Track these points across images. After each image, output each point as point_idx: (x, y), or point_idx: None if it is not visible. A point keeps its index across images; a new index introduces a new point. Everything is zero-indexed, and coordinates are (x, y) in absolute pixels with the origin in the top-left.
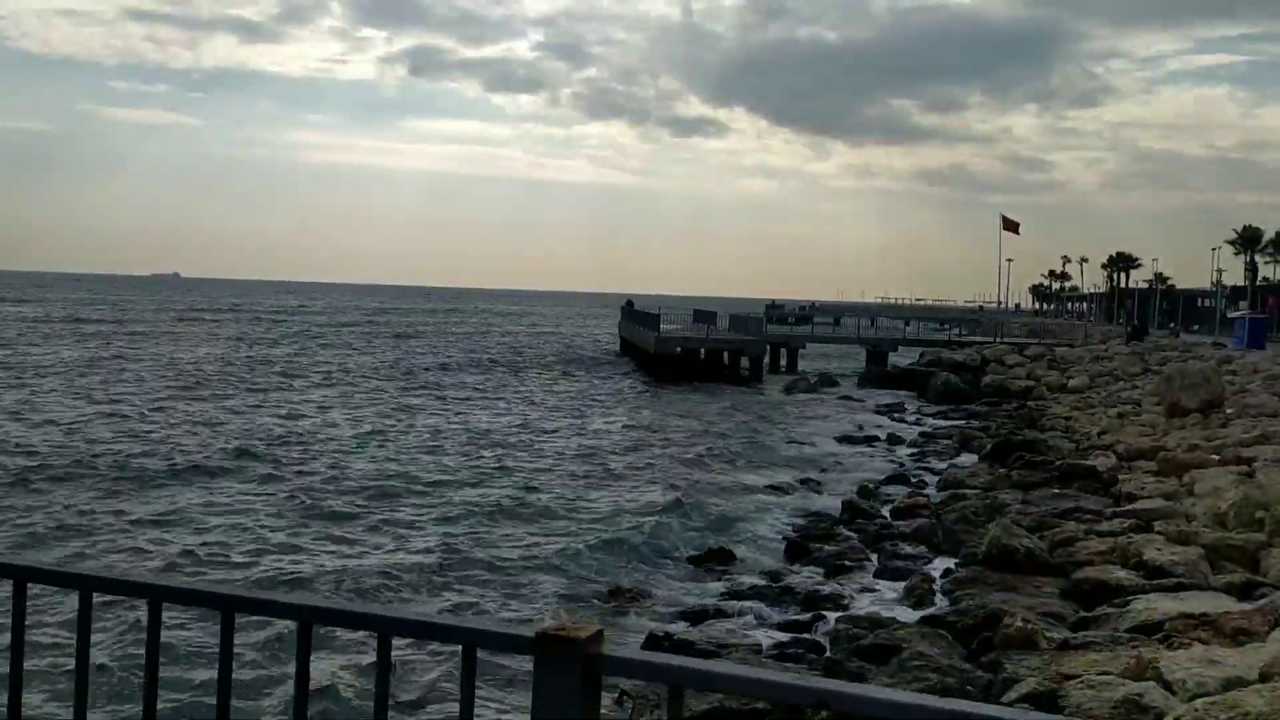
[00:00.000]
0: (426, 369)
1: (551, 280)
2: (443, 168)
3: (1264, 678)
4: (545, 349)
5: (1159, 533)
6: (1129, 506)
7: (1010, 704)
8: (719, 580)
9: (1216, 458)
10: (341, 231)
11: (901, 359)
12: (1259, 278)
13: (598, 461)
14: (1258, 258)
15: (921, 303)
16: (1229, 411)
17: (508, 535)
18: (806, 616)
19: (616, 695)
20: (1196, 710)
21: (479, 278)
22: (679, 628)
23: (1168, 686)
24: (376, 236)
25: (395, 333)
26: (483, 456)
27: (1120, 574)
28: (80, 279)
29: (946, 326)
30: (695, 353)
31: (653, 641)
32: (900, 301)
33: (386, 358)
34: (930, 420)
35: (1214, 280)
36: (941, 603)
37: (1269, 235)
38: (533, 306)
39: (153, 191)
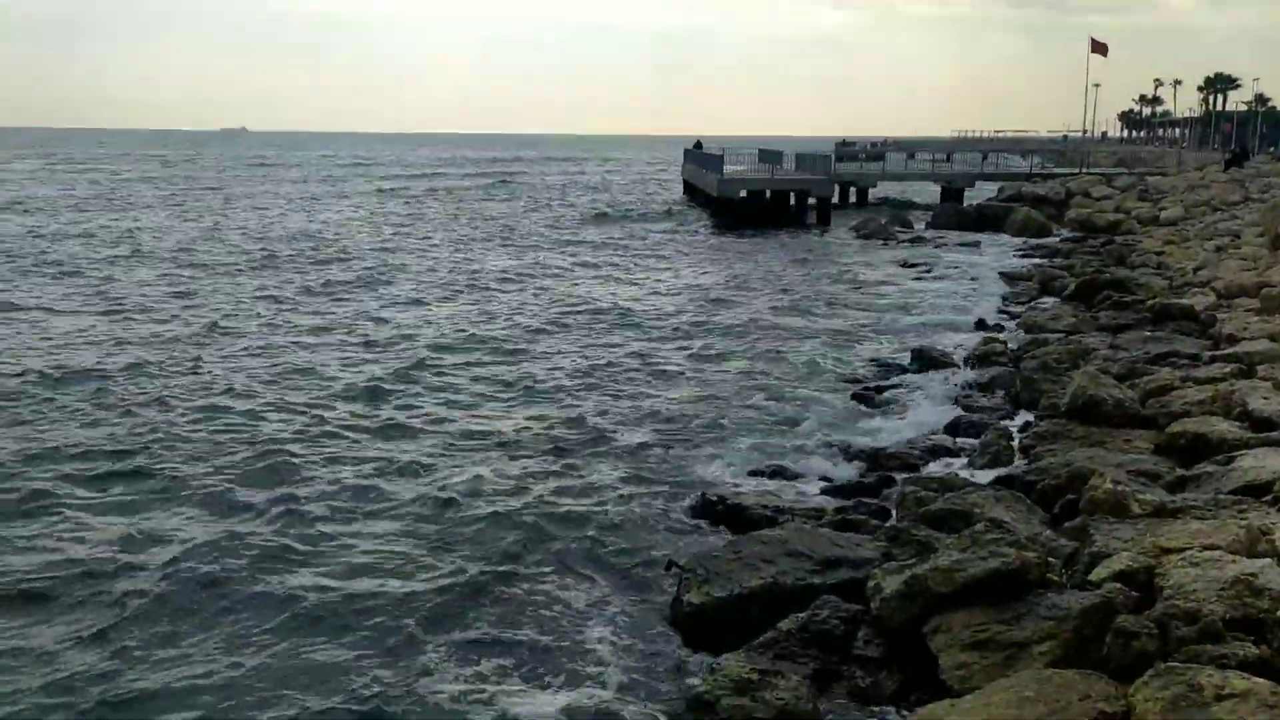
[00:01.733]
0: (476, 228)
1: (616, 124)
2: (503, 9)
3: None
4: (604, 196)
5: (1265, 378)
6: (1230, 349)
7: (1101, 582)
8: (779, 435)
9: None
10: (402, 80)
11: (979, 195)
12: None
13: (654, 317)
14: None
15: (1001, 135)
16: None
17: (564, 403)
18: (872, 478)
19: (665, 564)
20: None
21: (545, 123)
22: (736, 487)
23: None
24: (440, 84)
25: (447, 186)
26: (533, 316)
27: (1222, 426)
28: (152, 134)
29: (1028, 159)
30: (760, 194)
31: (706, 504)
32: (978, 135)
33: (440, 218)
34: (1009, 260)
35: None
36: (1020, 461)
37: None
38: (597, 151)
39: (214, 44)
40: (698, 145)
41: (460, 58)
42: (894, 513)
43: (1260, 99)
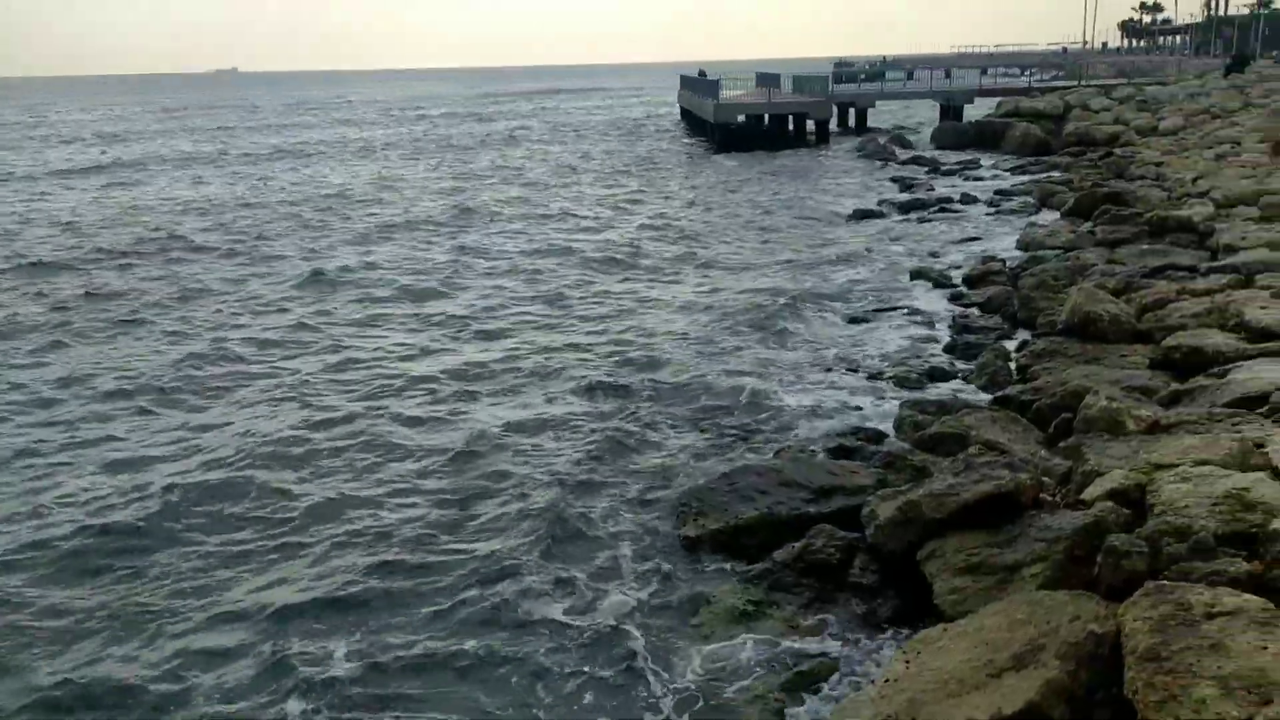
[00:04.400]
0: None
1: (619, 53)
2: None
3: None
4: (598, 127)
5: (1263, 287)
6: (1228, 260)
7: (1093, 501)
8: (773, 361)
9: None
10: (397, 16)
11: (978, 111)
12: None
13: (634, 249)
14: None
15: (1001, 49)
16: None
17: (536, 342)
18: (870, 399)
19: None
20: None
21: (545, 54)
22: (733, 421)
23: (1278, 475)
24: (438, 19)
25: (435, 125)
26: (531, 251)
27: (1218, 339)
28: (138, 80)
29: (1027, 73)
30: (758, 119)
31: (705, 431)
32: (978, 50)
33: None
34: (1008, 176)
35: None
36: (1017, 380)
37: None
38: (600, 83)
39: None
40: (701, 74)
41: None
42: (891, 437)
43: (1262, 1)
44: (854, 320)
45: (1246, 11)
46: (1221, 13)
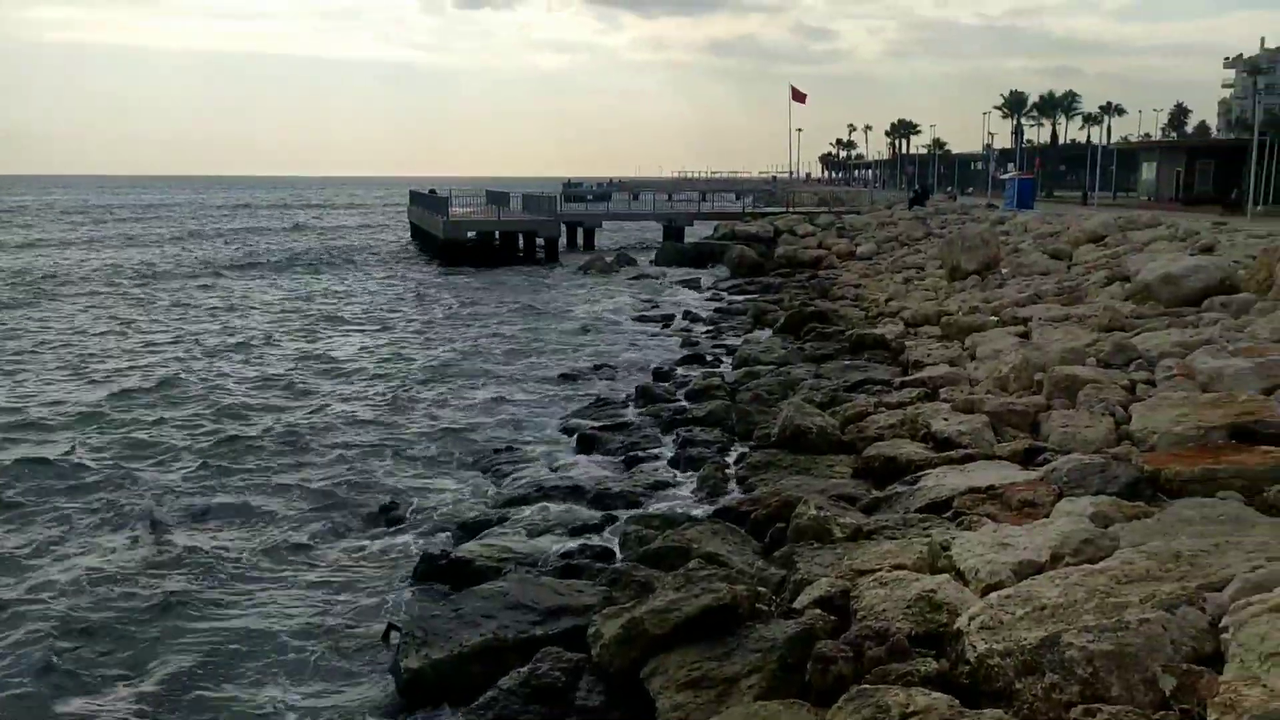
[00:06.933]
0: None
1: (342, 166)
2: (213, 46)
3: (1054, 559)
4: (328, 242)
5: (945, 400)
6: (916, 375)
7: (804, 609)
8: (502, 483)
9: (995, 319)
10: (101, 118)
11: (698, 233)
12: (1024, 140)
13: (367, 358)
14: (1023, 121)
15: (717, 175)
16: (1004, 271)
17: (254, 460)
18: (597, 517)
19: (384, 629)
20: (992, 607)
21: (262, 165)
22: (457, 540)
23: (961, 576)
24: (143, 123)
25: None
26: (230, 370)
27: (909, 448)
28: None
29: (741, 198)
30: (489, 235)
31: (428, 562)
32: (697, 176)
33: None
34: (726, 295)
35: (985, 144)
36: (736, 491)
37: (1033, 99)
38: (321, 194)
39: None
40: (432, 193)
41: (166, 94)
42: (618, 554)
43: (937, 143)
44: (579, 437)
45: (924, 151)
46: (905, 151)
